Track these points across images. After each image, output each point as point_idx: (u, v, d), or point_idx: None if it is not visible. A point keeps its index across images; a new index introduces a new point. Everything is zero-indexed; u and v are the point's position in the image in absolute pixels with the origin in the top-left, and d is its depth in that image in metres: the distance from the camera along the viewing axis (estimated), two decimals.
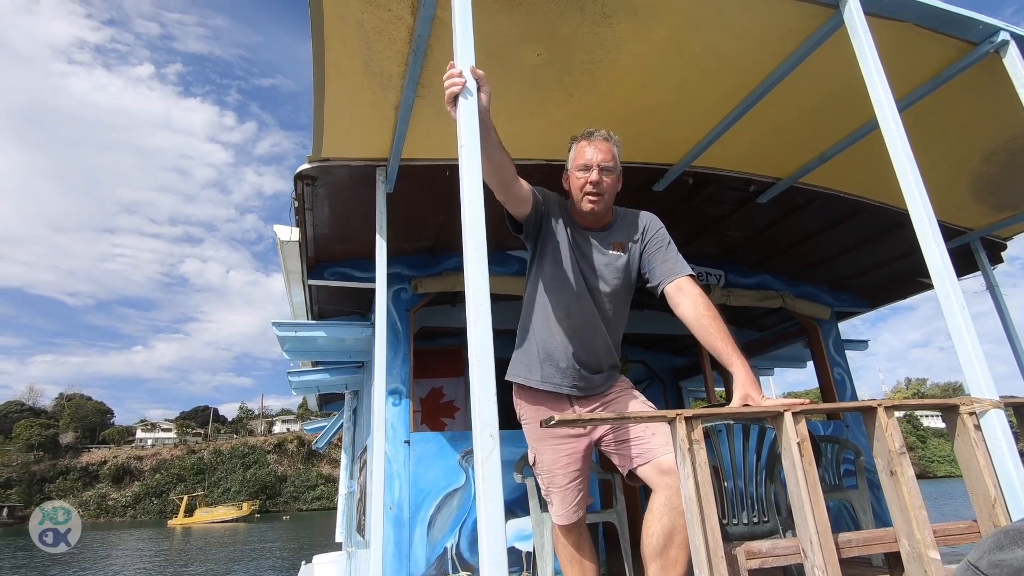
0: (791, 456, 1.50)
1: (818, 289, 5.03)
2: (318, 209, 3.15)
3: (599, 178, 1.85)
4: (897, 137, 2.04)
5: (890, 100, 2.07)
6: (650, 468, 1.74)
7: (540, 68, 2.31)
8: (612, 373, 1.97)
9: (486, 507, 1.15)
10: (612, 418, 1.44)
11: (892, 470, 1.61)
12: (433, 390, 6.04)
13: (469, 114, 1.46)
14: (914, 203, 1.98)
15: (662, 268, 1.86)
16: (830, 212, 3.91)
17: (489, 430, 1.21)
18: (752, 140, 3.16)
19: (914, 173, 2.01)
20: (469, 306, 1.30)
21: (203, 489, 56.13)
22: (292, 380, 5.20)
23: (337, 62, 2.13)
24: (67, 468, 58.25)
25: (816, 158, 3.31)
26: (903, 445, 1.64)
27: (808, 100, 2.83)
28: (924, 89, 2.68)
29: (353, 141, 2.67)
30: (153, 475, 59.36)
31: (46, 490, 55.61)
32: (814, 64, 2.51)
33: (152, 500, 56.92)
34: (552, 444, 1.96)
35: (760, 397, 1.59)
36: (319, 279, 3.77)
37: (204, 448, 63.77)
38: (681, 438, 1.41)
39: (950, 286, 1.91)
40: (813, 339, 4.96)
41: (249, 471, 59.19)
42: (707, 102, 2.80)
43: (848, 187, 3.66)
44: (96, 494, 56.75)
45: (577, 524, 2.00)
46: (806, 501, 1.46)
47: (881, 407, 1.65)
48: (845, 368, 4.91)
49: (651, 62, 2.42)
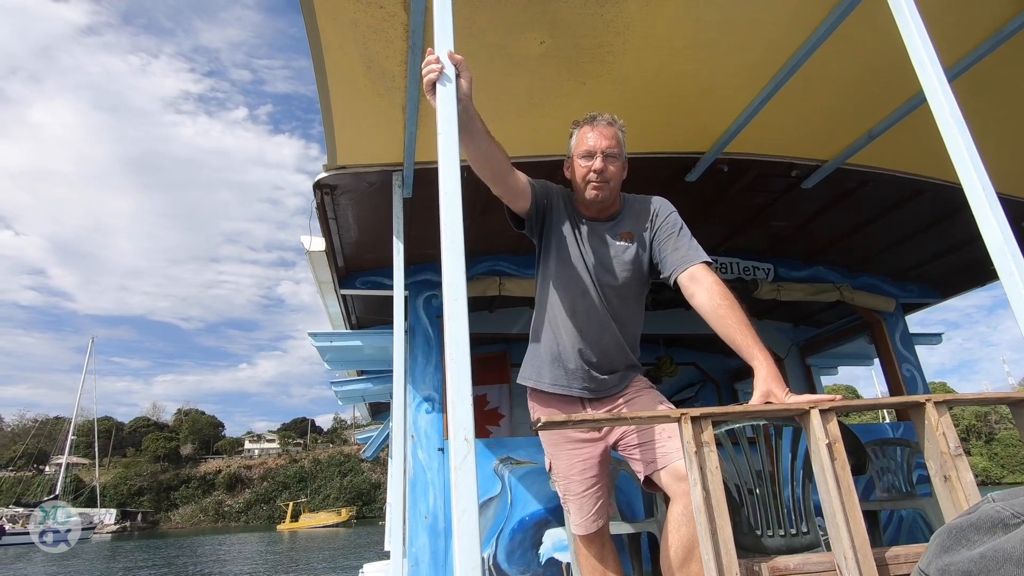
0: (820, 459, 1.34)
1: (880, 280, 4.65)
2: (342, 218, 3.16)
3: (603, 166, 1.73)
4: (945, 105, 1.80)
5: (935, 61, 1.84)
6: (666, 474, 1.61)
7: (545, 57, 2.21)
8: (628, 373, 1.83)
9: (459, 518, 1.06)
10: (608, 419, 1.32)
11: (946, 475, 1.41)
12: (477, 398, 5.98)
13: (447, 101, 1.39)
14: (967, 174, 1.75)
15: (674, 256, 1.72)
16: (886, 195, 3.60)
17: (464, 434, 1.12)
18: (790, 121, 2.93)
19: (967, 145, 1.77)
20: (446, 302, 1.22)
21: (306, 496, 58.76)
22: (336, 390, 5.27)
23: (337, 66, 2.11)
24: (188, 477, 62.55)
25: (864, 136, 3.04)
26: (958, 446, 1.43)
27: (849, 72, 2.60)
28: (983, 49, 2.40)
29: (366, 147, 2.65)
30: (261, 483, 62.84)
31: (171, 497, 59.98)
32: (851, 30, 2.29)
33: (261, 506, 60.11)
34: (566, 450, 1.85)
35: (784, 394, 1.43)
36: (351, 288, 3.80)
37: (304, 457, 67.00)
38: (688, 440, 1.27)
39: (1013, 264, 1.67)
40: (877, 334, 4.58)
41: (346, 479, 61.38)
42: (734, 82, 2.62)
43: (905, 166, 3.35)
44: (214, 501, 60.58)
45: (598, 534, 1.88)
46: (838, 510, 1.29)
47: (930, 403, 1.45)
48: (915, 364, 4.50)
49: (666, 41, 2.28)
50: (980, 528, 0.44)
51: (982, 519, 0.44)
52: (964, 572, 0.41)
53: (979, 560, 0.41)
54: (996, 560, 0.40)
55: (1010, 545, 0.40)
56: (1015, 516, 0.42)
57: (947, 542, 0.45)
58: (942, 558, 0.44)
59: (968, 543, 0.43)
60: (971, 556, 0.42)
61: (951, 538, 0.45)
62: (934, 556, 0.45)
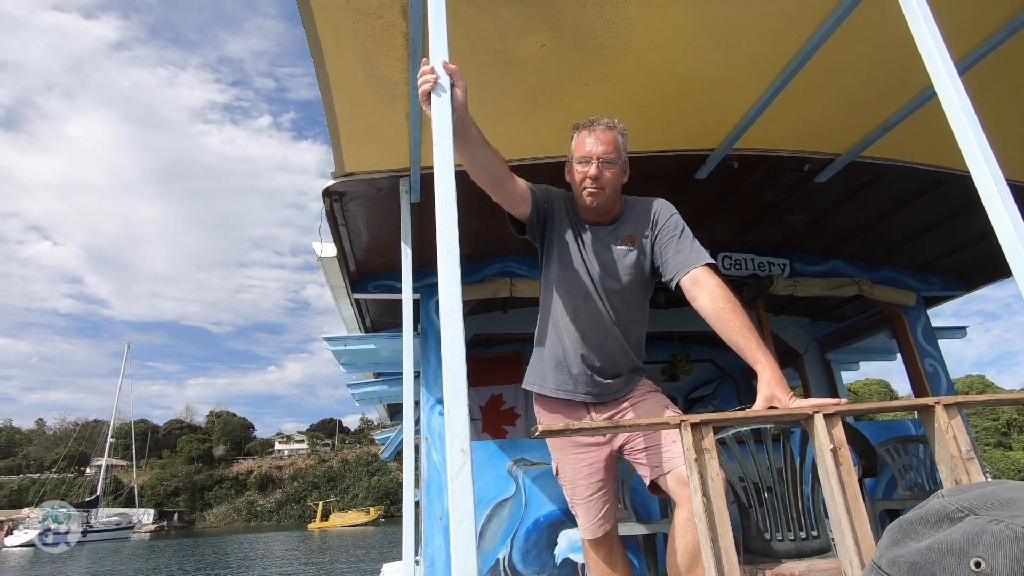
0: (824, 465, 1.31)
1: (900, 273, 4.55)
2: (352, 224, 3.19)
3: (598, 172, 1.72)
4: (955, 96, 1.76)
5: (943, 53, 1.80)
6: (672, 478, 1.60)
7: (547, 60, 2.21)
8: (632, 377, 1.82)
9: (455, 528, 1.07)
10: (606, 427, 1.31)
11: (957, 479, 1.38)
12: (493, 398, 6.01)
13: (442, 111, 1.40)
14: (977, 167, 1.70)
15: (675, 259, 1.70)
16: (903, 187, 3.52)
17: (460, 443, 1.12)
18: (801, 115, 2.88)
19: (979, 138, 1.72)
20: (442, 312, 1.23)
21: (335, 495, 59.76)
22: (353, 392, 5.33)
23: (340, 75, 2.13)
24: (221, 478, 64.25)
25: (878, 128, 2.97)
26: (970, 449, 1.40)
27: (859, 65, 2.54)
28: (997, 38, 2.34)
29: (372, 154, 2.67)
30: (291, 483, 64.14)
31: (206, 497, 61.66)
32: (860, 22, 2.24)
33: (292, 506, 61.27)
34: (572, 454, 1.85)
35: (788, 398, 1.41)
36: (364, 293, 3.83)
37: (333, 457, 68.24)
38: (688, 447, 1.26)
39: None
40: (898, 328, 4.49)
41: (373, 478, 62.18)
42: (741, 78, 2.58)
43: (921, 157, 3.27)
44: (246, 500, 62.13)
45: (606, 538, 1.87)
46: (843, 516, 1.27)
47: (940, 405, 1.41)
48: (938, 359, 4.40)
49: (669, 40, 2.25)
50: (927, 521, 0.45)
51: (929, 513, 0.46)
52: (911, 563, 0.43)
53: (925, 552, 0.43)
54: (940, 552, 0.42)
55: (953, 537, 0.42)
56: (959, 510, 0.44)
57: (897, 535, 0.47)
58: (892, 550, 0.46)
59: (916, 536, 0.45)
60: (918, 548, 0.44)
61: (901, 531, 0.47)
62: (885, 548, 0.47)
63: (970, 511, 0.43)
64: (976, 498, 0.44)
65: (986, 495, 0.44)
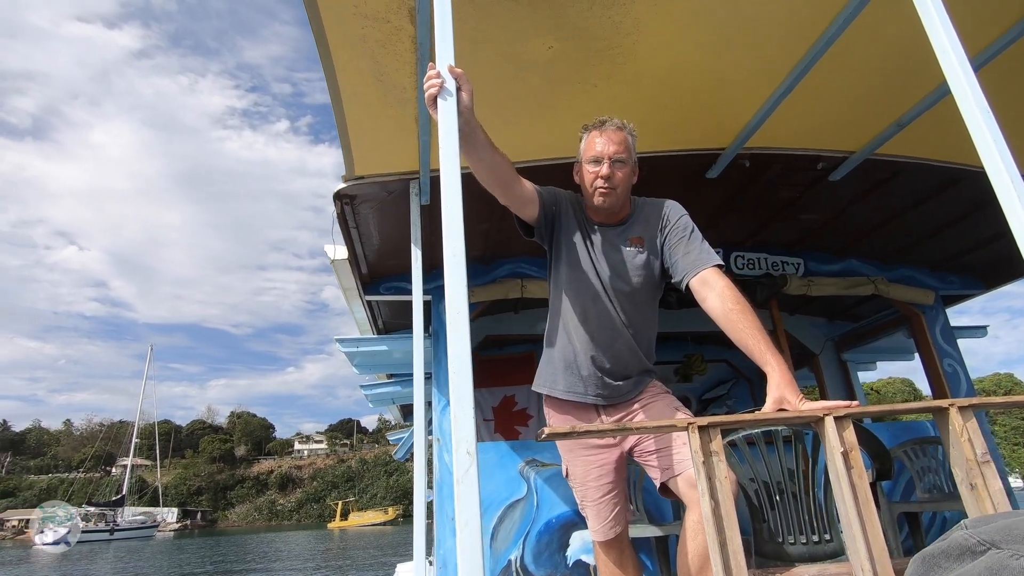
0: (835, 468, 1.30)
1: (918, 271, 4.47)
2: (363, 226, 3.21)
3: (610, 172, 1.72)
4: (970, 93, 1.73)
5: (957, 49, 1.77)
6: (682, 481, 1.59)
7: (555, 62, 2.21)
8: (642, 378, 1.82)
9: (461, 529, 1.08)
10: (614, 429, 1.31)
11: (972, 483, 1.36)
12: (505, 398, 6.02)
13: (448, 115, 1.40)
14: (991, 161, 1.67)
15: (685, 261, 1.70)
16: (920, 184, 3.46)
17: (466, 446, 1.13)
18: (814, 113, 2.85)
19: (995, 136, 1.69)
20: (448, 315, 1.23)
21: (354, 495, 60.42)
22: (367, 393, 5.36)
23: (350, 79, 2.15)
24: (243, 477, 65.32)
25: (893, 124, 2.93)
26: (986, 452, 1.37)
27: (872, 61, 2.51)
28: (1013, 33, 2.29)
29: (382, 157, 2.69)
30: (311, 483, 65.02)
31: (228, 496, 62.68)
32: (872, 18, 2.21)
33: (312, 505, 62.06)
34: (582, 456, 1.84)
35: (797, 400, 1.40)
36: (375, 294, 3.86)
37: (351, 457, 69.14)
38: (696, 450, 1.25)
39: None
40: (916, 327, 4.41)
41: (391, 478, 62.69)
42: (752, 76, 2.56)
43: (938, 154, 3.22)
44: (267, 500, 63.14)
45: (617, 540, 1.87)
46: (854, 520, 1.25)
47: (954, 407, 1.39)
48: (958, 359, 4.31)
49: (678, 40, 2.24)
50: (950, 555, 0.45)
51: (952, 546, 0.45)
52: None
53: None
54: None
55: (975, 572, 0.41)
56: (981, 543, 0.43)
57: (920, 569, 0.46)
58: None
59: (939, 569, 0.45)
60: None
61: (924, 565, 0.46)
62: None
63: (992, 544, 0.43)
64: (998, 531, 0.44)
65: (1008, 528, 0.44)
